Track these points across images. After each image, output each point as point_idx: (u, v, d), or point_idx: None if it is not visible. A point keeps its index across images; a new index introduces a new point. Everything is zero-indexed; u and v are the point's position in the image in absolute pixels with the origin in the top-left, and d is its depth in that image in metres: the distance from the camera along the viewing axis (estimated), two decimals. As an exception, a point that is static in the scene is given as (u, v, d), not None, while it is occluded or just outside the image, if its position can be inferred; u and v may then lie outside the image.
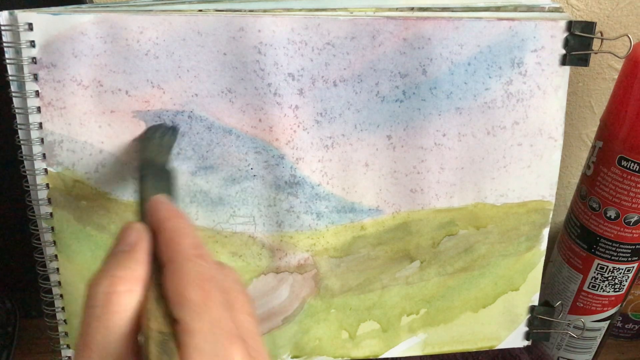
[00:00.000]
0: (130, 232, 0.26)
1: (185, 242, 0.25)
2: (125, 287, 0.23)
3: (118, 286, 0.23)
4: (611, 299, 0.43)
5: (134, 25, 0.32)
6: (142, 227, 0.26)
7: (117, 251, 0.25)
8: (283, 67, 0.34)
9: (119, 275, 0.24)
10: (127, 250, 0.25)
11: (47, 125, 0.34)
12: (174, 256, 0.25)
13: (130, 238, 0.25)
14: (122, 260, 0.24)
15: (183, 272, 0.24)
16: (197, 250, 0.25)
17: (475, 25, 0.34)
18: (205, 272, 0.24)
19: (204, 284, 0.24)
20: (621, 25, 0.45)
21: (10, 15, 0.32)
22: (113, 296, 0.23)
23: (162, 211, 0.27)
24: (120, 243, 0.25)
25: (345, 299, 0.41)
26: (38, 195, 0.35)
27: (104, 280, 0.23)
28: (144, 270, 0.24)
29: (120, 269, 0.24)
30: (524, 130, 0.37)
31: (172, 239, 0.25)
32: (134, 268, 0.24)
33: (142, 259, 0.25)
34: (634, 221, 0.39)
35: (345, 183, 0.37)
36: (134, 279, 0.24)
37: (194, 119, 0.35)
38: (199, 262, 0.24)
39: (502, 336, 0.43)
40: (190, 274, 0.24)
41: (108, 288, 0.23)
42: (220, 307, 0.23)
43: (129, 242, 0.25)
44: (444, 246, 0.40)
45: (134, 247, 0.25)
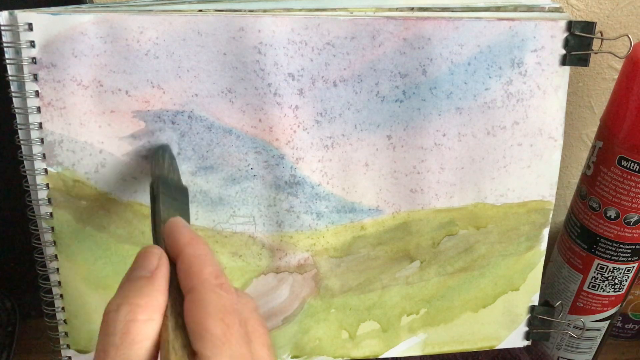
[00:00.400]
0: (149, 256, 0.25)
1: (206, 270, 0.25)
2: (145, 316, 0.23)
3: (138, 315, 0.23)
4: (611, 299, 0.43)
5: (134, 25, 0.32)
6: (161, 252, 0.25)
7: (136, 276, 0.24)
8: (283, 67, 0.34)
9: (138, 304, 0.23)
10: (147, 276, 0.24)
11: (47, 125, 0.34)
12: (196, 285, 0.24)
13: (150, 263, 0.25)
14: (142, 287, 0.24)
15: (205, 303, 0.23)
16: (218, 280, 0.24)
17: (475, 25, 0.34)
18: (227, 304, 0.24)
19: (226, 316, 0.23)
20: (621, 25, 0.45)
21: (10, 15, 0.32)
22: (133, 325, 0.23)
23: (182, 236, 0.26)
24: (139, 268, 0.25)
25: (345, 299, 0.41)
26: (38, 195, 0.35)
27: (124, 307, 0.23)
28: (164, 298, 0.24)
29: (140, 296, 0.23)
30: (524, 130, 0.37)
31: (194, 266, 0.25)
32: (154, 296, 0.24)
33: (162, 286, 0.24)
34: (634, 221, 0.39)
35: (345, 183, 0.37)
36: (154, 307, 0.23)
37: (194, 119, 0.35)
38: (221, 293, 0.24)
39: (502, 336, 0.43)
40: (212, 305, 0.23)
41: (128, 316, 0.23)
42: (240, 341, 0.23)
43: (149, 268, 0.25)
44: (444, 246, 0.40)
45: (154, 273, 0.24)
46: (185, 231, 0.26)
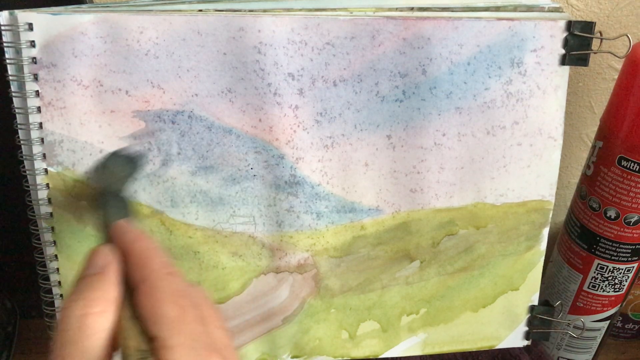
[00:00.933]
0: (99, 254, 0.26)
1: (156, 261, 0.26)
2: (99, 308, 0.24)
3: (91, 308, 0.24)
4: (611, 299, 0.43)
5: (134, 25, 0.32)
6: (110, 250, 0.26)
7: (87, 274, 0.25)
8: (283, 67, 0.34)
9: (91, 297, 0.24)
10: (98, 272, 0.25)
11: (47, 125, 0.34)
12: (147, 275, 0.25)
13: (100, 261, 0.26)
14: (93, 283, 0.25)
15: (157, 289, 0.24)
16: (168, 269, 0.25)
17: (475, 25, 0.34)
18: (179, 289, 0.25)
19: (179, 300, 0.24)
20: (621, 25, 0.45)
21: (10, 15, 0.32)
22: (87, 318, 0.23)
23: (128, 234, 0.27)
24: (90, 266, 0.26)
25: (345, 299, 0.41)
26: (38, 195, 0.35)
27: (77, 303, 0.24)
28: (116, 291, 0.25)
29: (92, 290, 0.24)
30: (524, 130, 0.37)
31: (143, 259, 0.26)
32: (106, 289, 0.24)
33: (113, 280, 0.25)
34: (634, 221, 0.39)
35: (345, 183, 0.37)
36: (107, 300, 0.24)
37: (194, 119, 0.35)
38: (172, 279, 0.25)
39: (502, 336, 0.43)
40: (164, 291, 0.24)
41: (81, 310, 0.23)
42: (196, 322, 0.24)
43: (99, 265, 0.26)
44: (444, 246, 0.40)
45: (104, 269, 0.25)
46: (132, 230, 0.28)
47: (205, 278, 0.39)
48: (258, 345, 0.41)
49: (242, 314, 0.40)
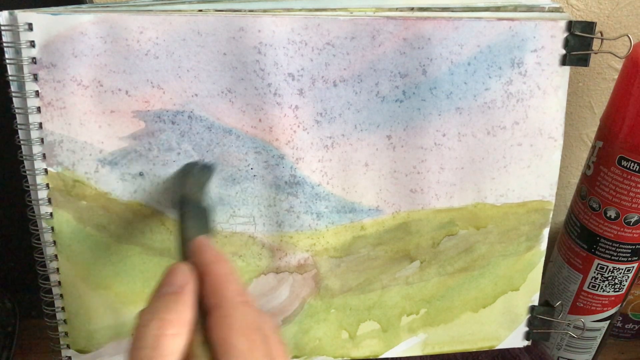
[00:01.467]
0: (177, 273, 0.26)
1: (231, 287, 0.26)
2: (174, 330, 0.24)
3: (167, 329, 0.24)
4: (611, 299, 0.43)
5: (134, 25, 0.32)
6: (189, 269, 0.26)
7: (165, 292, 0.25)
8: (283, 67, 0.34)
9: (168, 319, 0.24)
10: (176, 292, 0.25)
11: (47, 125, 0.34)
12: (221, 302, 0.25)
13: (178, 279, 0.26)
14: (170, 303, 0.25)
15: (230, 319, 0.24)
16: (242, 297, 0.25)
17: (475, 25, 0.34)
18: (251, 321, 0.25)
19: (250, 332, 0.24)
20: (621, 25, 0.45)
21: (10, 15, 0.32)
22: (162, 339, 0.23)
23: (207, 254, 0.27)
24: (168, 284, 0.26)
25: (345, 299, 0.41)
26: (38, 195, 0.35)
27: (154, 322, 0.24)
28: (191, 313, 0.25)
29: (169, 311, 0.24)
30: (524, 130, 0.37)
31: (219, 284, 0.26)
32: (182, 311, 0.24)
33: (189, 302, 0.25)
34: (634, 221, 0.39)
35: (345, 183, 0.37)
36: (182, 322, 0.24)
37: (194, 119, 0.35)
38: (245, 310, 0.25)
39: (502, 336, 0.43)
40: (237, 321, 0.24)
41: (158, 331, 0.24)
42: (263, 357, 0.24)
43: (178, 284, 0.25)
44: (444, 246, 0.40)
45: (182, 289, 0.25)
46: (211, 250, 0.28)
47: (205, 278, 0.39)
48: None
49: (242, 314, 0.40)
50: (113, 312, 0.38)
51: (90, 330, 0.39)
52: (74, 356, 0.39)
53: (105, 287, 0.38)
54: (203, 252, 0.27)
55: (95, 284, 0.38)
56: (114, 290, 0.38)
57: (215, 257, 0.27)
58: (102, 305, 0.38)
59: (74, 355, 0.39)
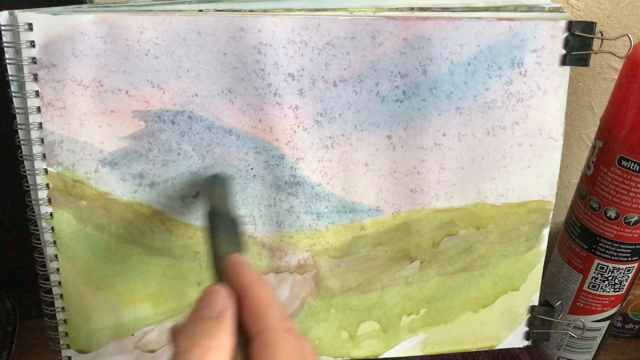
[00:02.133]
0: (217, 296, 0.25)
1: (274, 313, 0.25)
2: (216, 358, 0.23)
3: (210, 357, 0.23)
4: (611, 299, 0.43)
5: (134, 25, 0.32)
6: (228, 293, 0.25)
7: (204, 317, 0.24)
8: (283, 67, 0.34)
9: (210, 346, 0.23)
10: (216, 317, 0.24)
11: (47, 125, 0.34)
12: (264, 329, 0.24)
13: (218, 303, 0.25)
14: (211, 328, 0.24)
15: (274, 348, 0.24)
16: (285, 324, 0.25)
17: (475, 25, 0.34)
18: (295, 350, 0.24)
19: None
20: (621, 25, 0.45)
21: (10, 15, 0.32)
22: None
23: (246, 275, 0.26)
24: (207, 307, 0.25)
25: (345, 299, 0.41)
26: (38, 195, 0.35)
27: (196, 349, 0.23)
28: (232, 339, 0.24)
29: (210, 338, 0.24)
30: (524, 130, 0.37)
31: (261, 308, 0.25)
32: (223, 338, 0.24)
33: (229, 327, 0.24)
34: (634, 221, 0.39)
35: (345, 183, 0.37)
36: (223, 349, 0.24)
37: (194, 119, 0.35)
38: (289, 339, 0.24)
39: (502, 336, 0.43)
40: (281, 351, 0.24)
41: (200, 358, 0.23)
42: None
43: (217, 309, 0.25)
44: (444, 246, 0.40)
45: (222, 314, 0.24)
46: (249, 270, 0.26)
47: (206, 278, 0.39)
48: None
49: (242, 314, 0.40)
50: (113, 312, 0.38)
51: (90, 330, 0.39)
52: (74, 356, 0.39)
53: (105, 287, 0.38)
54: (241, 272, 0.26)
55: (95, 284, 0.38)
56: (114, 290, 0.38)
57: (255, 279, 0.26)
58: (102, 305, 0.38)
59: (74, 355, 0.39)
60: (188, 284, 0.38)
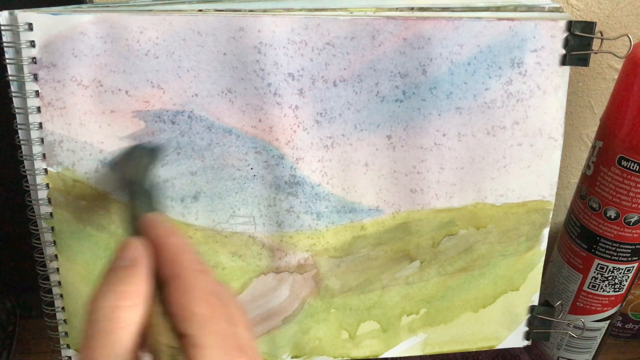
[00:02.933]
0: (130, 247, 0.26)
1: (187, 257, 0.26)
2: (130, 301, 0.24)
3: (122, 301, 0.24)
4: (611, 299, 0.43)
5: (134, 25, 0.32)
6: (141, 243, 0.26)
7: (118, 266, 0.25)
8: (283, 67, 0.34)
9: (122, 290, 0.24)
10: (129, 265, 0.25)
11: (47, 125, 0.34)
12: (179, 271, 0.25)
13: (132, 253, 0.26)
14: (124, 276, 0.24)
15: (189, 287, 0.24)
16: (200, 266, 0.25)
17: (475, 25, 0.34)
18: (210, 287, 0.25)
19: (210, 298, 0.24)
20: (621, 25, 0.45)
21: (10, 15, 0.32)
22: (117, 311, 0.23)
23: (159, 228, 0.27)
24: (121, 258, 0.25)
25: (345, 299, 0.41)
26: (38, 195, 0.35)
27: (108, 294, 0.24)
28: (147, 285, 0.25)
29: (123, 284, 0.24)
30: (524, 130, 0.37)
31: (176, 255, 0.26)
32: (137, 283, 0.24)
33: (144, 274, 0.25)
34: (634, 221, 0.39)
35: (345, 183, 0.37)
36: (138, 294, 0.24)
37: (194, 119, 0.35)
38: (203, 277, 0.25)
39: (502, 336, 0.43)
40: (196, 288, 0.24)
41: (112, 302, 0.23)
42: (225, 321, 0.24)
43: (130, 258, 0.25)
44: (444, 246, 0.40)
45: (135, 262, 0.25)
46: (163, 225, 0.28)
47: (205, 278, 0.39)
48: (258, 345, 0.41)
49: (242, 314, 0.40)
50: (113, 312, 0.38)
51: (90, 330, 0.39)
52: (74, 356, 0.39)
53: (105, 287, 0.38)
54: (154, 227, 0.27)
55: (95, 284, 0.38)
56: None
57: (168, 231, 0.27)
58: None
59: (74, 355, 0.39)
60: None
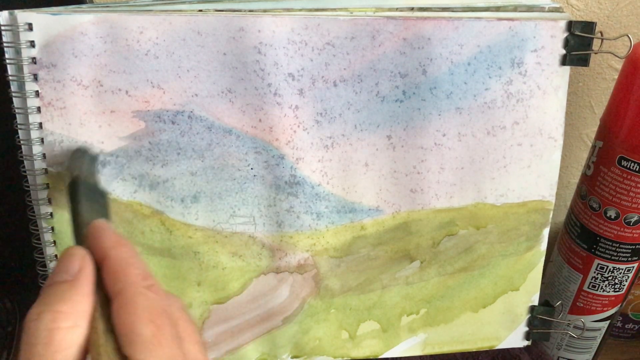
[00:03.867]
0: (71, 259, 0.24)
1: (133, 272, 0.24)
2: (69, 322, 0.22)
3: (61, 322, 0.22)
4: (611, 299, 0.43)
5: (134, 25, 0.32)
6: (84, 254, 0.24)
7: (58, 281, 0.23)
8: (283, 67, 0.34)
9: (62, 310, 0.22)
10: (70, 280, 0.23)
11: (47, 125, 0.34)
12: (123, 288, 0.23)
13: (72, 266, 0.24)
14: (64, 292, 0.23)
15: (134, 305, 0.23)
16: (146, 281, 0.24)
17: (475, 25, 0.34)
18: (156, 305, 0.23)
19: (156, 318, 0.23)
20: (621, 25, 0.45)
21: (10, 15, 0.32)
22: (56, 333, 0.22)
23: (106, 239, 0.25)
24: (61, 271, 0.24)
25: (345, 299, 0.41)
26: (38, 195, 0.35)
27: (46, 315, 0.22)
28: (89, 302, 0.23)
29: (62, 302, 0.22)
30: (524, 130, 0.37)
31: (120, 269, 0.24)
32: (78, 301, 0.23)
33: (86, 290, 0.23)
34: (634, 221, 0.39)
35: (345, 183, 0.37)
36: (78, 313, 0.23)
37: (194, 119, 0.35)
38: (150, 295, 0.24)
39: (502, 336, 0.43)
40: (140, 307, 0.23)
41: (51, 324, 0.22)
42: (171, 342, 0.23)
43: (71, 271, 0.24)
44: (444, 246, 0.40)
45: (77, 276, 0.23)
46: (110, 234, 0.26)
47: (205, 278, 0.39)
48: (258, 345, 0.41)
49: (242, 314, 0.40)
50: (113, 312, 0.38)
51: (90, 330, 0.39)
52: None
53: (105, 287, 0.38)
54: (101, 236, 0.25)
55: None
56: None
57: (115, 241, 0.25)
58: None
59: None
60: (188, 284, 0.38)
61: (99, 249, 0.25)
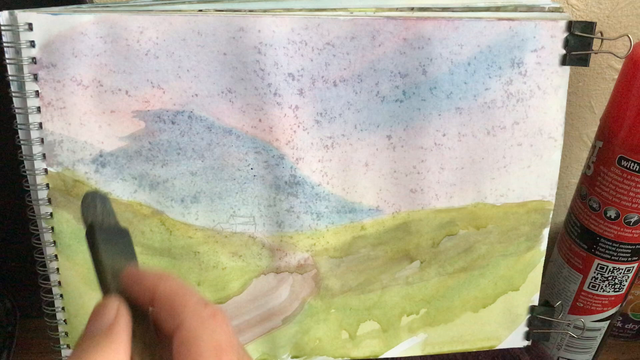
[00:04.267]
0: (104, 309, 0.23)
1: (192, 300, 0.22)
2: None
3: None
4: (611, 299, 0.43)
5: (134, 25, 0.32)
6: (118, 303, 0.23)
7: (91, 333, 0.22)
8: (283, 67, 0.34)
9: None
10: (105, 331, 0.22)
11: (47, 125, 0.34)
12: (184, 320, 0.21)
13: (106, 316, 0.22)
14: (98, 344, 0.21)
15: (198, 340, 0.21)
16: (209, 309, 0.22)
17: (475, 25, 0.34)
18: (223, 339, 0.21)
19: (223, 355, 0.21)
20: (621, 25, 0.45)
21: (10, 15, 0.32)
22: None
23: (147, 277, 0.23)
24: (94, 323, 0.22)
25: (345, 299, 0.41)
26: (38, 195, 0.35)
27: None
28: (125, 352, 0.22)
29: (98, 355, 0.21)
30: (524, 130, 0.37)
31: (176, 300, 0.22)
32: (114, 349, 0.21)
33: (122, 339, 0.22)
34: (634, 221, 0.39)
35: (345, 183, 0.37)
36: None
37: (194, 119, 0.35)
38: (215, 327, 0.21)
39: (502, 336, 0.43)
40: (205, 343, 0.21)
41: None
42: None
43: (106, 322, 0.22)
44: (444, 246, 0.40)
45: (111, 327, 0.22)
46: (149, 273, 0.24)
47: (205, 278, 0.39)
48: (258, 345, 0.41)
49: (242, 314, 0.40)
50: (113, 312, 0.38)
51: (90, 330, 0.39)
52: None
53: (105, 287, 0.38)
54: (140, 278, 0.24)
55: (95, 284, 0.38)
56: (114, 290, 0.38)
57: (159, 276, 0.23)
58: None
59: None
60: (188, 284, 0.38)
61: (144, 289, 0.23)
